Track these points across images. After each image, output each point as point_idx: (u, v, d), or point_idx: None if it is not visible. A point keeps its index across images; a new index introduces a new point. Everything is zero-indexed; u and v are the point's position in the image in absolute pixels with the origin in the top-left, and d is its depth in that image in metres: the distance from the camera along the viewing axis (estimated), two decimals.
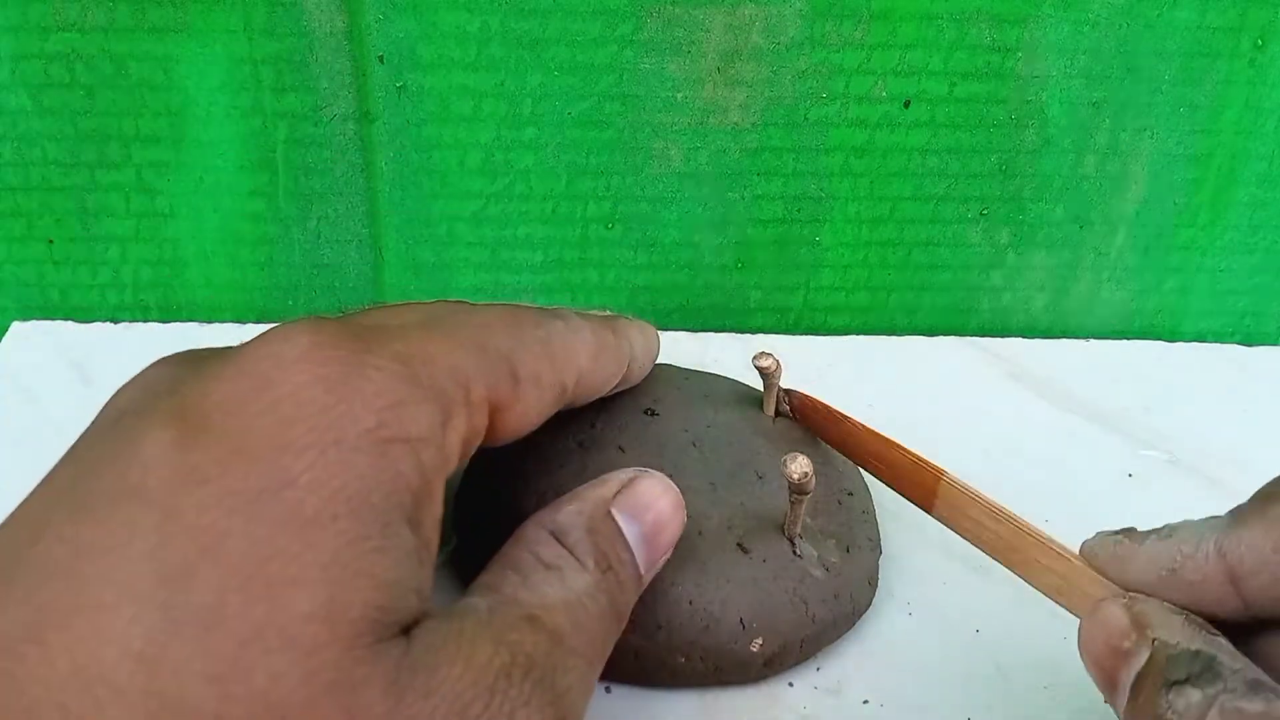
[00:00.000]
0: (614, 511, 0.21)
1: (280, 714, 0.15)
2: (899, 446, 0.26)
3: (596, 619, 0.20)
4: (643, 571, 0.21)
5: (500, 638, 0.17)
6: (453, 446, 0.19)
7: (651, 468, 0.26)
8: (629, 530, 0.21)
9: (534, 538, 0.20)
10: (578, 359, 0.23)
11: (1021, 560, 0.23)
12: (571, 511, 0.21)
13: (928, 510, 0.25)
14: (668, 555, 0.22)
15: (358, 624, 0.16)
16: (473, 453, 0.20)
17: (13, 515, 0.17)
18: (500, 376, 0.20)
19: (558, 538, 0.20)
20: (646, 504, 0.22)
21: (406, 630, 0.17)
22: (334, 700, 0.15)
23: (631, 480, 0.22)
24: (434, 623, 0.17)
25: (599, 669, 0.20)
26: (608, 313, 0.26)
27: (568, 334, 0.23)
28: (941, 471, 0.24)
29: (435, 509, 0.18)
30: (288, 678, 0.15)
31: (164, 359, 0.20)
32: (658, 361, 0.32)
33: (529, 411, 0.21)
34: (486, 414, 0.20)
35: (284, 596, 0.15)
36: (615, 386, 0.26)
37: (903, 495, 0.26)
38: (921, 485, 0.25)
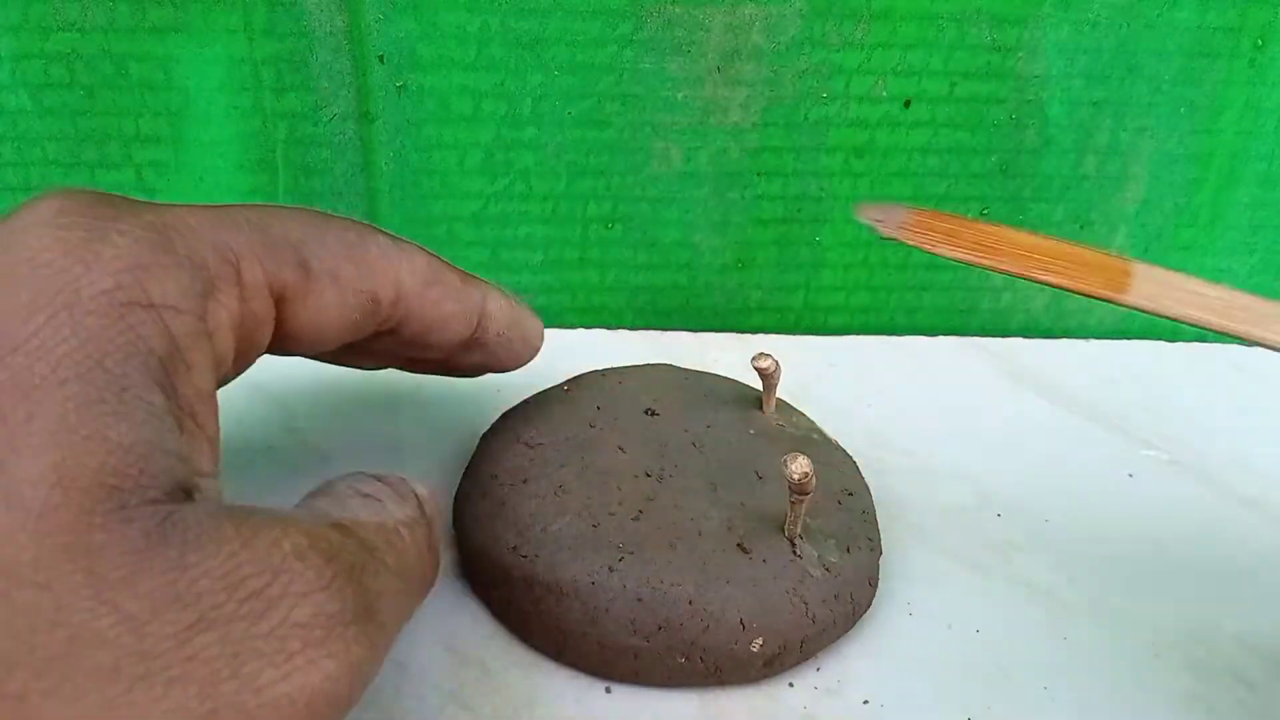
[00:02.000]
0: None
1: (10, 572, 0.14)
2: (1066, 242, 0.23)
3: (413, 549, 0.19)
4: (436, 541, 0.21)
5: (297, 526, 0.17)
6: (220, 322, 0.18)
7: (651, 468, 0.27)
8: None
9: (351, 478, 0.20)
10: (397, 274, 0.22)
11: (1256, 318, 0.21)
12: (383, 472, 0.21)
13: (1119, 297, 0.22)
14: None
15: (92, 490, 0.15)
16: (264, 345, 0.20)
17: None
18: (284, 262, 0.19)
19: (380, 478, 0.20)
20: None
21: (175, 500, 0.16)
22: (70, 562, 0.15)
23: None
24: (217, 507, 0.16)
25: (415, 603, 0.19)
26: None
27: (391, 248, 0.22)
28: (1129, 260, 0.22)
29: (198, 381, 0.17)
30: (16, 538, 0.15)
31: None
32: (657, 362, 0.32)
33: (326, 309, 0.20)
34: (269, 301, 0.19)
35: (8, 461, 0.15)
36: (473, 355, 0.25)
37: (1080, 292, 0.22)
38: (1109, 271, 0.22)
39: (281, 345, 0.21)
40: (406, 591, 0.19)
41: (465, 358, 0.25)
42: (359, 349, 0.24)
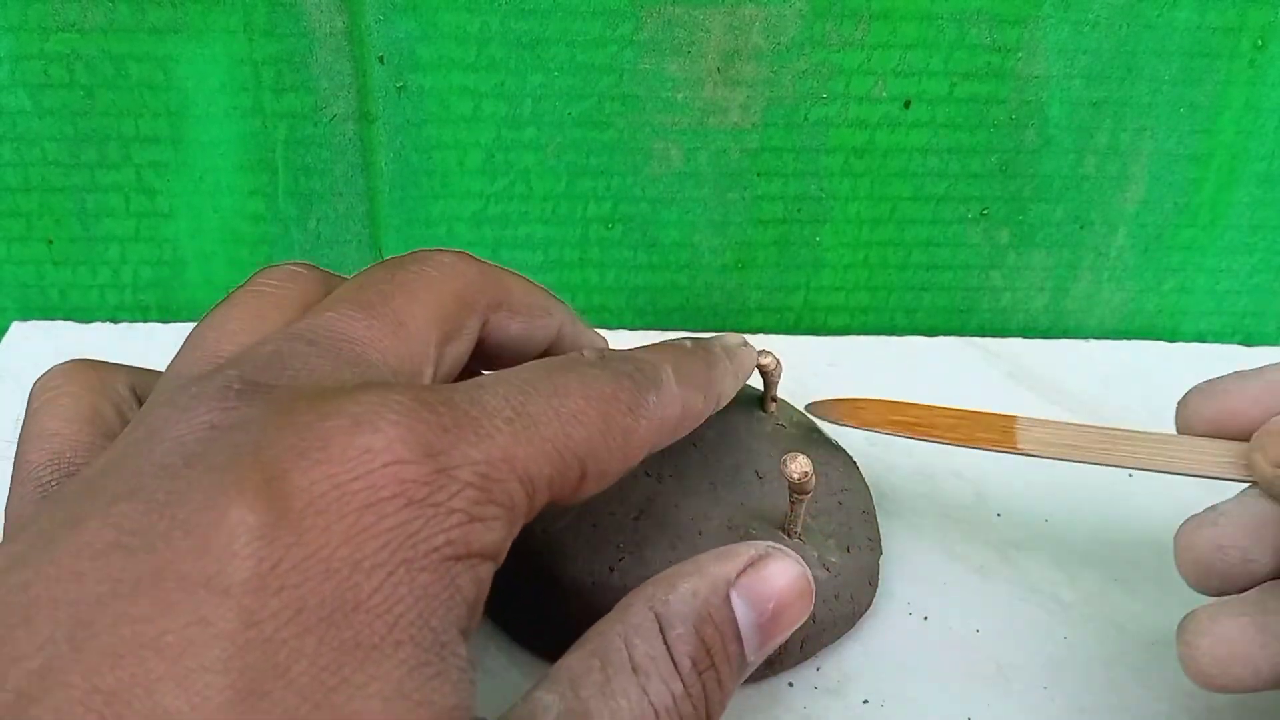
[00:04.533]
0: (733, 594, 0.20)
1: None
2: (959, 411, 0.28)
3: None
4: (750, 658, 0.20)
5: None
6: (507, 549, 0.18)
7: (651, 468, 0.26)
8: (743, 616, 0.20)
9: (636, 623, 0.19)
10: (658, 438, 0.22)
11: (1124, 453, 0.25)
12: (686, 593, 0.20)
13: (1012, 449, 0.26)
14: (785, 637, 0.21)
15: None
16: None
17: (69, 544, 0.16)
18: (569, 480, 0.19)
19: (662, 628, 0.19)
20: (770, 592, 0.20)
21: None
22: None
23: (760, 559, 0.20)
24: None
25: None
26: (704, 349, 0.24)
27: (656, 411, 0.21)
28: (1014, 417, 0.26)
29: (481, 608, 0.18)
30: None
31: (236, 387, 0.18)
32: None
33: (585, 496, 0.20)
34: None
35: None
36: None
37: (980, 447, 0.27)
38: (998, 430, 0.26)
39: None
40: None
41: None
42: None
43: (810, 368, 0.36)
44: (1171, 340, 0.40)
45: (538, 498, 0.19)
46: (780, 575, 0.20)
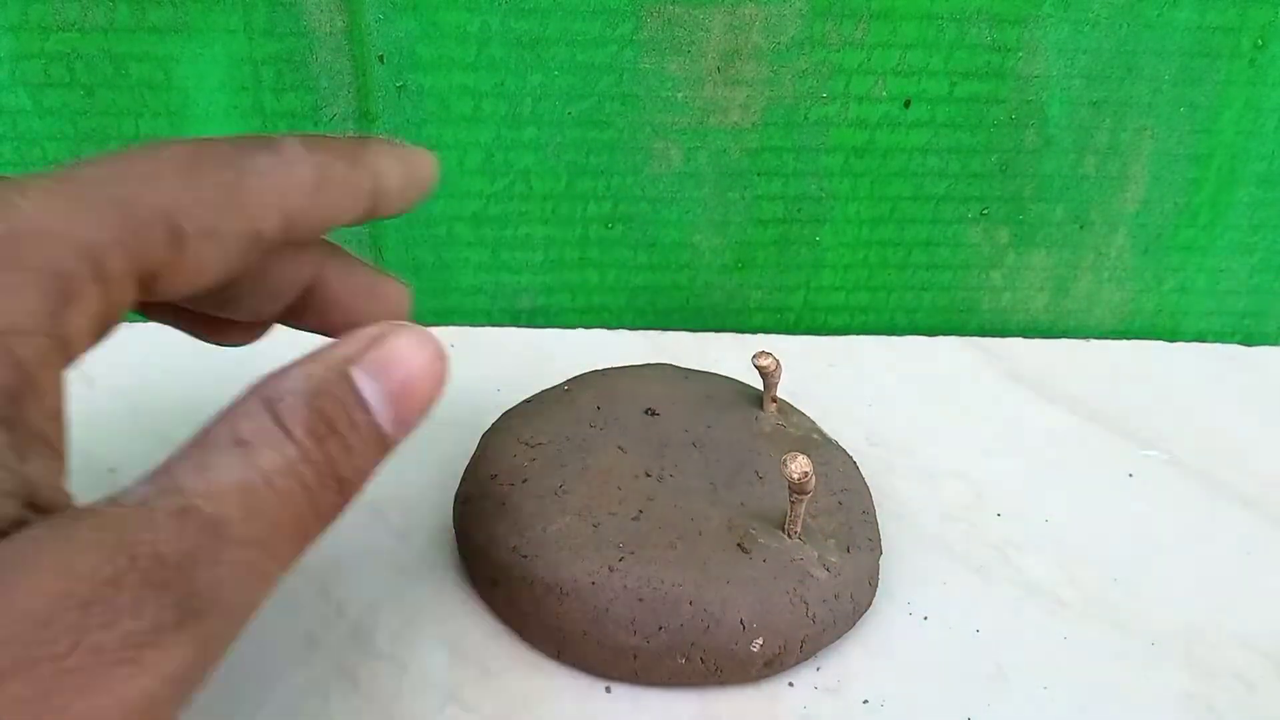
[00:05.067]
0: (353, 370, 0.18)
1: None
2: None
3: (286, 498, 0.17)
4: (388, 430, 0.19)
5: (121, 540, 0.15)
6: (77, 330, 0.17)
7: (651, 468, 0.26)
8: (369, 389, 0.18)
9: (242, 409, 0.18)
10: (286, 199, 0.20)
11: None
12: (298, 374, 0.18)
13: None
14: (426, 413, 0.19)
15: None
16: (119, 322, 0.18)
17: None
18: (154, 241, 0.18)
19: (270, 405, 0.18)
20: (396, 360, 0.19)
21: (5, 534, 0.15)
22: None
23: (380, 336, 0.19)
24: (38, 530, 0.15)
25: (288, 553, 0.18)
26: (362, 138, 0.23)
27: (274, 169, 0.20)
28: None
29: (45, 402, 0.16)
30: None
31: None
32: (657, 362, 0.32)
33: (204, 269, 0.19)
34: (133, 285, 0.18)
35: None
36: (368, 216, 0.23)
37: None
38: None
39: (147, 310, 0.19)
40: (268, 552, 0.17)
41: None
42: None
43: (810, 368, 0.36)
44: (1171, 340, 0.40)
45: (112, 263, 0.17)
46: (404, 345, 0.19)
